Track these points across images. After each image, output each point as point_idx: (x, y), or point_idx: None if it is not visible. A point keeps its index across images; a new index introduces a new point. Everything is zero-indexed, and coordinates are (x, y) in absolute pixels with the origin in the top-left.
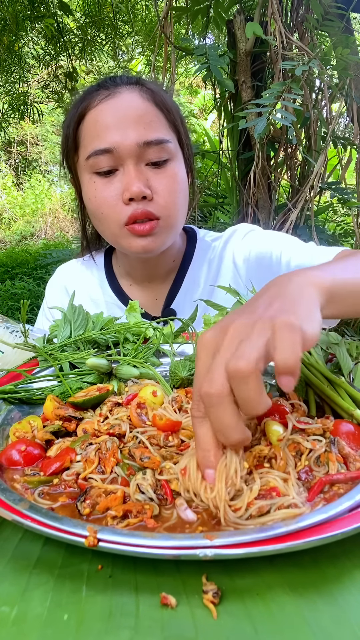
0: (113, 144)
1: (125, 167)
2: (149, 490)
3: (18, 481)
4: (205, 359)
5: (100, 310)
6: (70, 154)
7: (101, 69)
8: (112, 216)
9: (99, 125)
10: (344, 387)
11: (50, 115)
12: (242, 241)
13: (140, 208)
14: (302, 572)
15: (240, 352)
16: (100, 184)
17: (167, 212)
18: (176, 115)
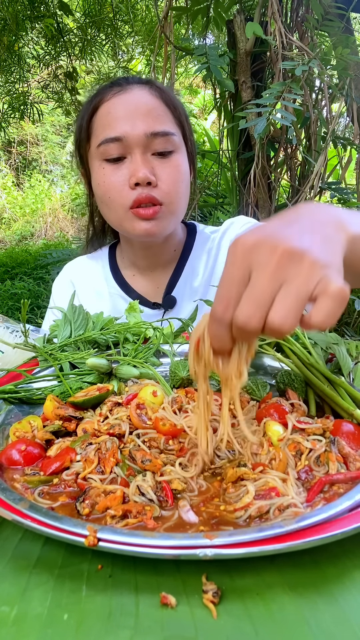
0: (123, 133)
1: (132, 155)
2: (149, 492)
3: (18, 481)
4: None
5: (105, 302)
6: (83, 143)
7: (101, 69)
8: (118, 200)
9: (110, 116)
10: (344, 387)
11: (50, 115)
12: (240, 230)
13: (145, 192)
14: (302, 572)
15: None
16: (109, 170)
17: (169, 199)
18: (182, 113)
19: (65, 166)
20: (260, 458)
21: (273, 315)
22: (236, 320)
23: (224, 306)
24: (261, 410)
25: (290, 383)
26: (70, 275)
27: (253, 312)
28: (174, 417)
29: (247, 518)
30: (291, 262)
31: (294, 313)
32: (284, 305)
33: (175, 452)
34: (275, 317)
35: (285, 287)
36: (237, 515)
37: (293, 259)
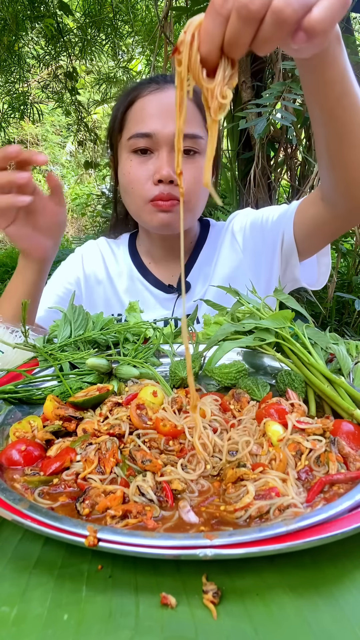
0: (153, 130)
1: (160, 152)
2: (149, 492)
3: (18, 481)
4: None
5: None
6: (115, 133)
7: (101, 69)
8: (140, 192)
9: (144, 112)
10: (344, 387)
11: (50, 115)
12: (242, 216)
13: (166, 190)
14: (302, 572)
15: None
16: (135, 163)
17: (189, 197)
18: None
19: (65, 166)
20: (260, 458)
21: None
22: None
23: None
24: (261, 410)
25: (290, 383)
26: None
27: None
28: (175, 418)
29: (247, 518)
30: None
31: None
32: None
33: (176, 453)
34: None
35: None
36: (237, 515)
37: None
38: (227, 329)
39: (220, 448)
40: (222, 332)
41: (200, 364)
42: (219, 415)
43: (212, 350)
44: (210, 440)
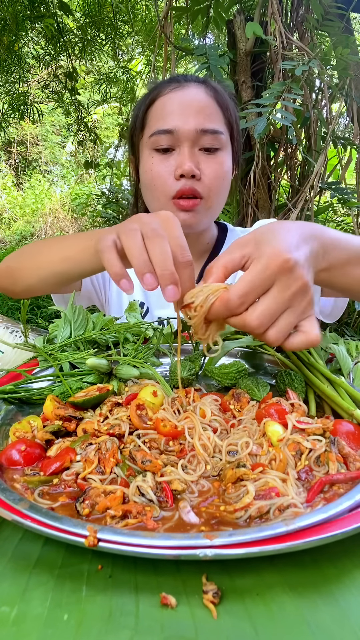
0: (174, 126)
1: (181, 148)
2: (149, 492)
3: (18, 481)
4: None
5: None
6: (137, 132)
7: (101, 69)
8: (162, 188)
9: (165, 110)
10: (344, 387)
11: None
12: None
13: (188, 184)
14: (302, 572)
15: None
16: (157, 160)
17: (209, 193)
18: (232, 114)
19: (65, 166)
20: (260, 458)
21: (272, 332)
22: (250, 319)
23: (241, 302)
24: (261, 410)
25: (290, 383)
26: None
27: (266, 322)
28: (175, 418)
29: (247, 518)
30: (302, 294)
31: (285, 336)
32: (282, 329)
33: (176, 453)
34: (273, 334)
35: (289, 312)
36: (237, 515)
37: (304, 292)
38: (227, 329)
39: (220, 448)
40: (222, 332)
41: (200, 364)
42: (219, 415)
43: None
44: (211, 441)
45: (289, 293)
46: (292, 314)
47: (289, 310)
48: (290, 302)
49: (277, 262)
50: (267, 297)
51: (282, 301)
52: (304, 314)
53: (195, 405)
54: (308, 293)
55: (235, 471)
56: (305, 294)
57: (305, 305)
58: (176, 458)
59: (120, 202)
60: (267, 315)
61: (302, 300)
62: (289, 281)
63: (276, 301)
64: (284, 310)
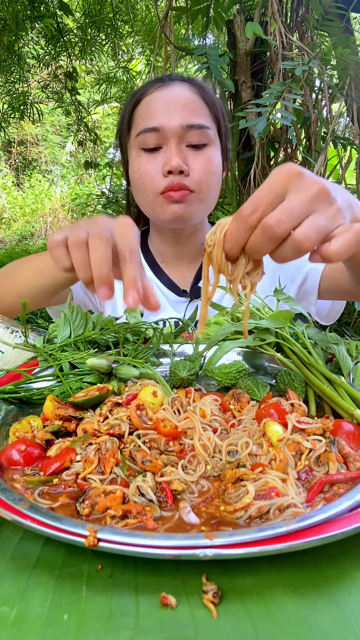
0: (160, 124)
1: (168, 145)
2: (149, 492)
3: (18, 481)
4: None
5: None
6: (124, 133)
7: (101, 69)
8: (150, 186)
9: (151, 108)
10: (344, 387)
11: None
12: None
13: (177, 180)
14: (302, 572)
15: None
16: (145, 158)
17: (199, 188)
18: (219, 109)
19: (65, 166)
20: (260, 459)
21: (300, 229)
22: (267, 221)
23: (253, 209)
24: (261, 410)
25: (290, 383)
26: None
27: (285, 219)
28: (175, 418)
29: (247, 518)
30: (326, 199)
31: (316, 236)
32: (311, 227)
33: (176, 453)
34: (301, 231)
35: (315, 215)
36: (237, 515)
37: (328, 198)
38: (227, 329)
39: (220, 448)
40: (222, 332)
41: (200, 364)
42: (219, 415)
43: (212, 350)
44: (211, 441)
45: (307, 195)
46: (319, 217)
47: (314, 214)
48: (311, 205)
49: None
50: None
51: (302, 201)
52: (334, 220)
53: (195, 405)
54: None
55: (235, 471)
56: (328, 200)
57: (333, 212)
58: (176, 458)
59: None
60: (285, 213)
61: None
62: (305, 184)
63: (293, 202)
64: (307, 214)
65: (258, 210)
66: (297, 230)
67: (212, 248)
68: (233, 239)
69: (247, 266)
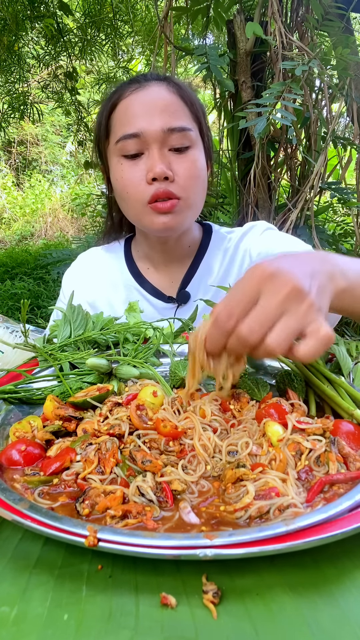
0: (140, 129)
1: (150, 150)
2: (149, 492)
3: (18, 481)
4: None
5: (119, 293)
6: (102, 140)
7: (101, 69)
8: (135, 195)
9: (128, 112)
10: (344, 387)
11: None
12: (260, 237)
13: (162, 187)
14: (302, 572)
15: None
16: (126, 166)
17: (186, 194)
18: (199, 108)
19: (65, 166)
20: (260, 459)
21: (271, 337)
22: (240, 331)
23: (228, 316)
24: (261, 410)
25: (290, 383)
26: (84, 266)
27: (257, 329)
28: (175, 419)
29: (247, 518)
30: (296, 298)
31: (287, 341)
32: (281, 333)
33: (176, 454)
34: (272, 339)
35: (286, 317)
36: (237, 515)
37: (298, 296)
38: None
39: (220, 448)
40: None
41: None
42: (219, 415)
43: None
44: (211, 441)
45: (278, 298)
46: (290, 319)
47: (285, 316)
48: (282, 307)
49: (258, 271)
50: (256, 305)
51: (272, 306)
52: (305, 318)
53: (195, 405)
54: (304, 298)
55: (235, 471)
56: (299, 298)
57: (304, 310)
58: (176, 458)
59: None
60: (257, 321)
61: (298, 305)
62: (276, 287)
63: (265, 307)
64: (278, 317)
65: (233, 317)
66: (269, 337)
67: (194, 349)
68: (212, 342)
69: (230, 359)
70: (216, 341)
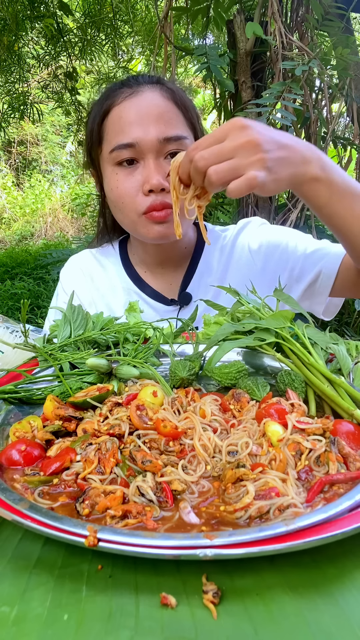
0: (136, 139)
1: (145, 160)
2: (149, 492)
3: (18, 481)
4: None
5: (119, 297)
6: (94, 146)
7: (101, 69)
8: (131, 206)
9: (122, 121)
10: (344, 387)
11: (50, 115)
12: (258, 229)
13: (159, 199)
14: (302, 572)
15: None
16: (122, 176)
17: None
18: (193, 113)
19: (65, 166)
20: (260, 459)
21: (212, 167)
22: (195, 157)
23: (194, 147)
24: (261, 410)
25: (290, 383)
26: (81, 266)
27: (207, 157)
28: (175, 419)
29: (247, 518)
30: (250, 149)
31: (224, 174)
32: (223, 166)
33: (176, 454)
34: (212, 169)
35: (234, 159)
36: (237, 515)
37: (253, 149)
38: (227, 329)
39: (220, 448)
40: (222, 332)
41: (200, 364)
42: (219, 415)
43: (212, 350)
44: (211, 441)
45: (234, 143)
46: (235, 161)
47: (234, 158)
48: (235, 151)
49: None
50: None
51: (228, 147)
52: (248, 166)
53: (195, 405)
54: (256, 152)
55: (235, 471)
56: (253, 150)
57: (252, 160)
58: (176, 458)
59: None
60: (210, 152)
61: (248, 154)
62: (239, 136)
63: (222, 146)
64: (229, 157)
65: (198, 148)
66: (210, 169)
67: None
68: (181, 168)
69: (197, 190)
70: (184, 168)
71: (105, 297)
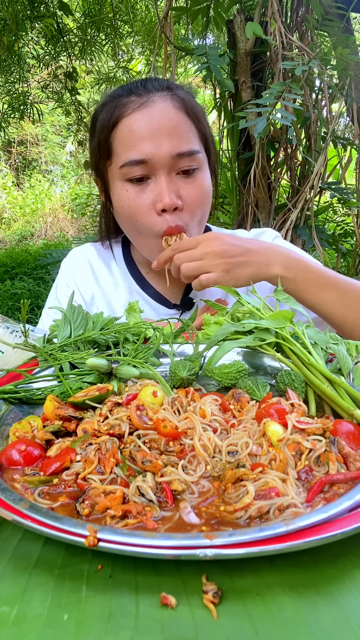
0: (148, 155)
1: (157, 177)
2: (149, 493)
3: (18, 481)
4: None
5: (121, 295)
6: (102, 159)
7: (101, 69)
8: (147, 225)
9: (133, 135)
10: (344, 387)
11: (50, 115)
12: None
13: (174, 222)
14: (302, 572)
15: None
16: (132, 193)
17: (194, 220)
18: (204, 122)
19: (65, 166)
20: (260, 459)
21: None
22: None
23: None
24: (261, 410)
25: (290, 383)
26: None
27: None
28: (175, 419)
29: (247, 518)
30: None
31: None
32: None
33: (176, 454)
34: (184, 266)
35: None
36: (237, 515)
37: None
38: (227, 329)
39: (220, 448)
40: (222, 332)
41: (200, 364)
42: (219, 415)
43: (212, 350)
44: (211, 441)
45: (202, 251)
46: (201, 263)
47: (202, 261)
48: (203, 255)
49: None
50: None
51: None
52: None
53: (195, 405)
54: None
55: (235, 471)
56: (216, 257)
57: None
58: (176, 458)
59: None
60: (185, 255)
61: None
62: (208, 244)
63: (194, 251)
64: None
65: (178, 249)
66: (183, 265)
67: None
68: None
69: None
70: (166, 259)
71: (107, 294)
